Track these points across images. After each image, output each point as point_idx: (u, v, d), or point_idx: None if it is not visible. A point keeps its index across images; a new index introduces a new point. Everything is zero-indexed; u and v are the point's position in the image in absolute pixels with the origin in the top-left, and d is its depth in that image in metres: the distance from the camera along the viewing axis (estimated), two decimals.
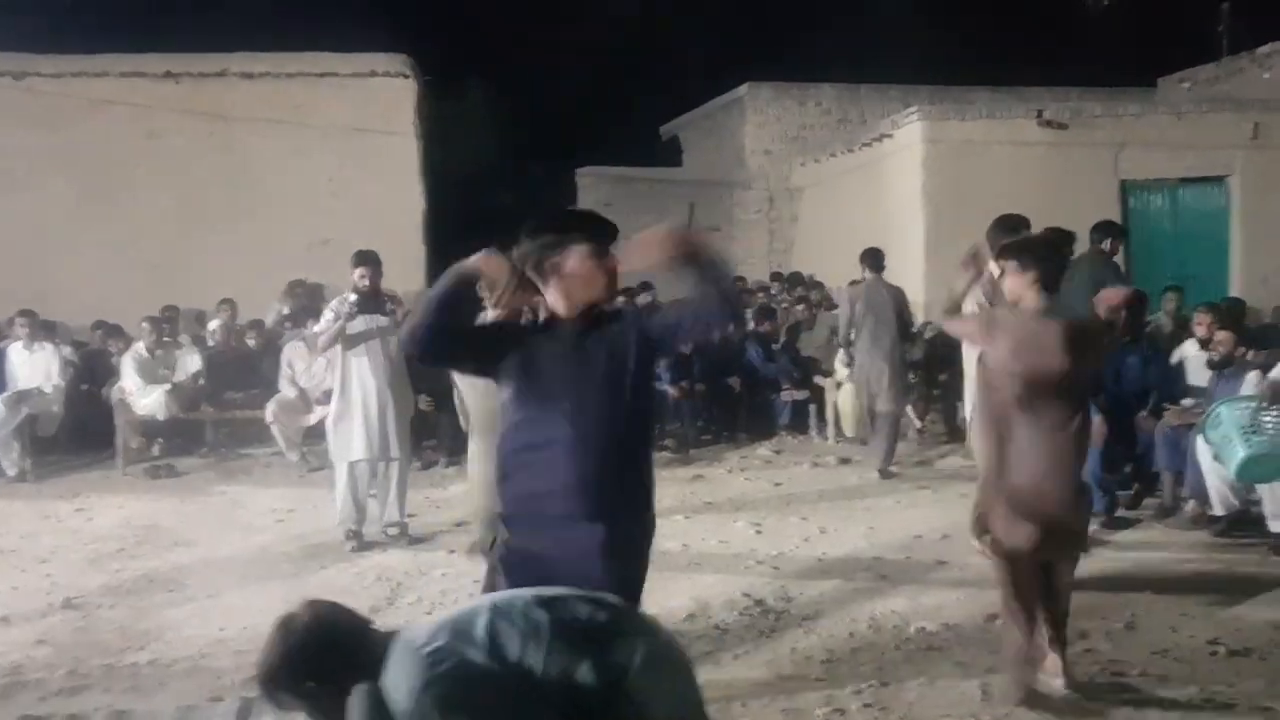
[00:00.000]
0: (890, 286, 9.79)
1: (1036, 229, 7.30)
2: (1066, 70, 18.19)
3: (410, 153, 13.69)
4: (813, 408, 11.45)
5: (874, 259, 9.80)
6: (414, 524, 7.58)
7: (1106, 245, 7.92)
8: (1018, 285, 4.47)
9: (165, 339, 10.96)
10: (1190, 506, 7.29)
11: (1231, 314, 8.76)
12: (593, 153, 18.41)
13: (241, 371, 11.15)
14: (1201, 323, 7.94)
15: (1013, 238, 6.34)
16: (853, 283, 11.50)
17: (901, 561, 6.65)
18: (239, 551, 7.31)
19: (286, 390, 10.42)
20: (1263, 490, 6.59)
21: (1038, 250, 4.61)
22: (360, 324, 7.22)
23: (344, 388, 7.29)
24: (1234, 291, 12.52)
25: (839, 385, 11.10)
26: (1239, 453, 5.96)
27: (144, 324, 10.81)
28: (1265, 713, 4.23)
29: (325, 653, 2.67)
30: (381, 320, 7.27)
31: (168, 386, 10.40)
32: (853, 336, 9.84)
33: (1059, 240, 5.54)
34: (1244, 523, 6.90)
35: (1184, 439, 7.33)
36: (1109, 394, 7.61)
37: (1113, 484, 7.49)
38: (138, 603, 6.17)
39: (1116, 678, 4.61)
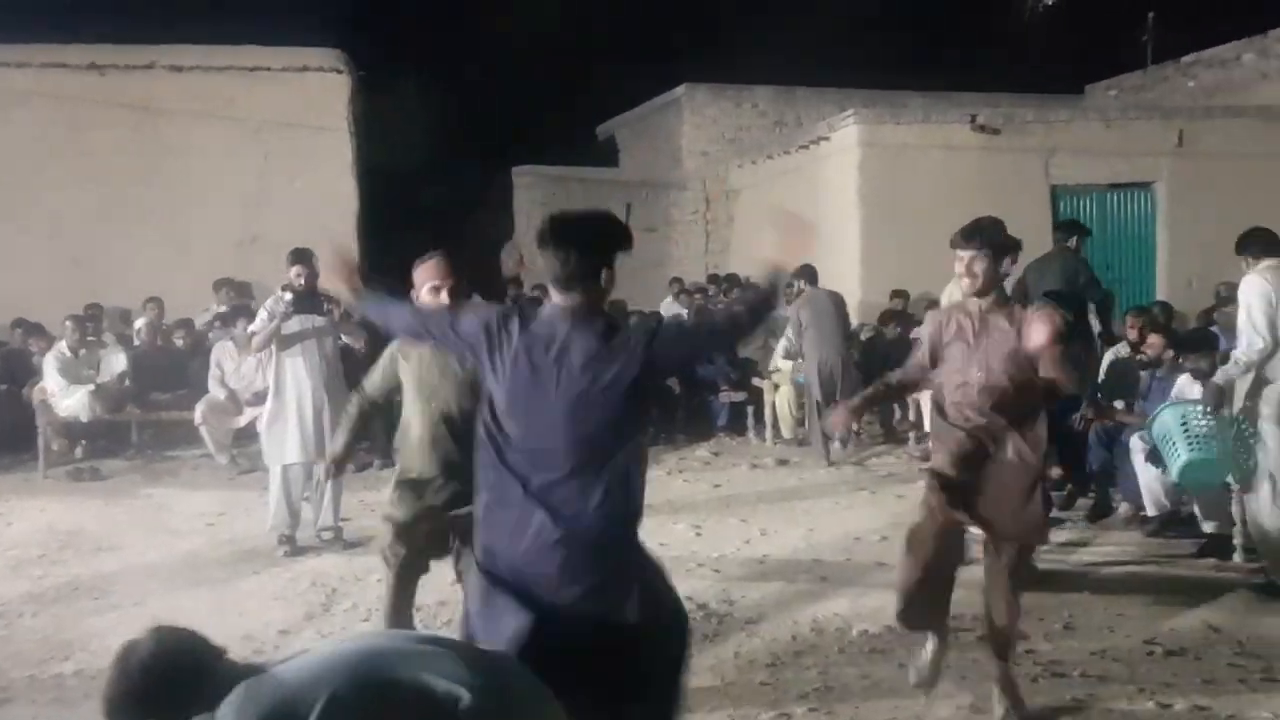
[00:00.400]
0: (830, 292, 10.26)
1: None
2: (996, 76, 18.46)
3: (343, 149, 13.47)
4: (750, 409, 11.47)
5: (810, 273, 10.26)
6: (348, 528, 7.43)
7: (1072, 243, 8.05)
8: None
9: (89, 338, 10.67)
10: (1123, 508, 7.41)
11: (1161, 317, 8.93)
12: (529, 152, 18.29)
13: (168, 372, 10.89)
14: (1133, 326, 8.07)
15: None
16: (787, 285, 11.59)
17: (842, 563, 6.67)
18: (167, 557, 7.12)
19: (216, 391, 10.19)
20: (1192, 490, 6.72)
21: None
22: (296, 324, 7.08)
23: (278, 389, 7.14)
24: (1160, 295, 12.78)
25: (776, 387, 11.15)
26: (1181, 456, 6.05)
27: (67, 322, 10.52)
28: (1203, 712, 4.29)
29: (164, 687, 2.50)
30: (318, 320, 7.13)
31: (91, 387, 10.13)
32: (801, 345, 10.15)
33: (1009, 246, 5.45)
34: (1175, 523, 7.02)
35: (1117, 440, 7.44)
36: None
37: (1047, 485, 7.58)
38: (62, 611, 5.98)
39: (1057, 679, 4.65)
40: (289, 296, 7.04)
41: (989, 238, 4.27)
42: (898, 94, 17.47)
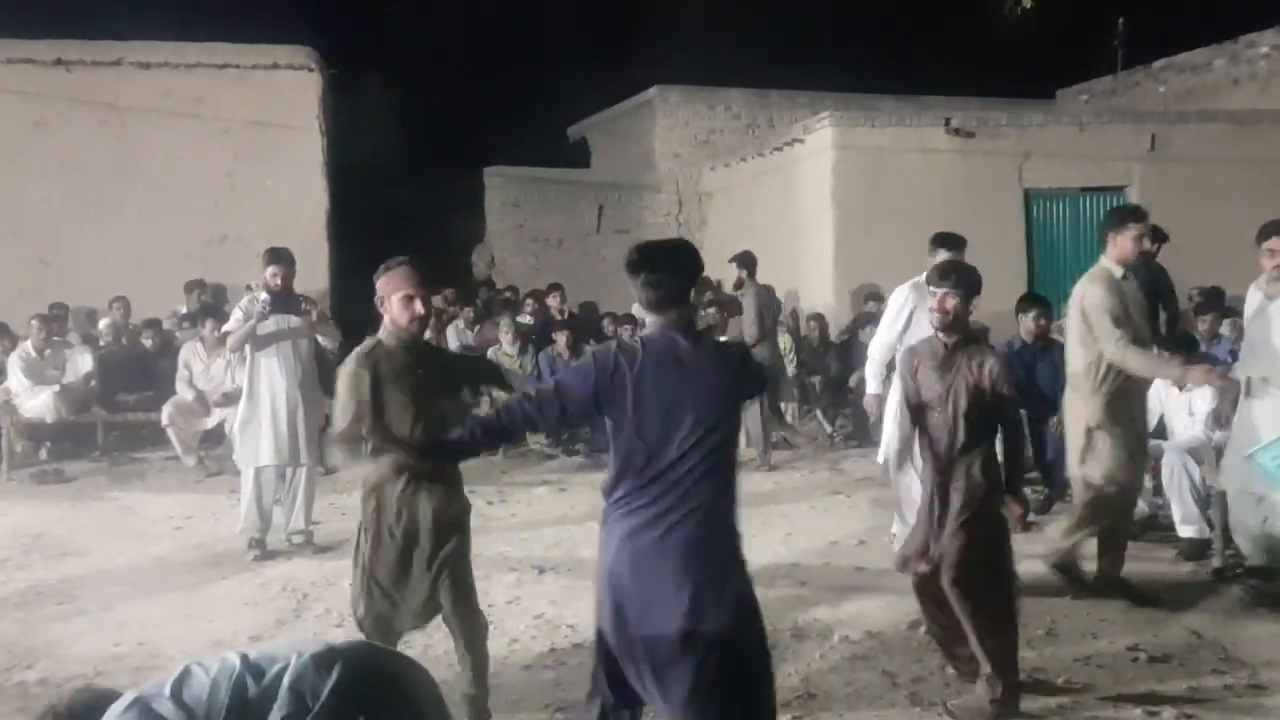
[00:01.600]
0: (769, 286, 10.43)
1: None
2: (968, 80, 18.52)
3: (313, 148, 13.32)
4: None
5: (753, 262, 10.29)
6: (319, 531, 7.32)
7: (1150, 245, 7.68)
8: None
9: (55, 338, 10.48)
10: None
11: None
12: (500, 153, 18.18)
13: (135, 372, 10.72)
14: None
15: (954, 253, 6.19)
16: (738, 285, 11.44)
17: (820, 568, 6.62)
18: (134, 561, 6.98)
19: (183, 392, 10.03)
20: (1171, 496, 6.70)
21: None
22: (272, 324, 6.96)
23: (252, 390, 7.01)
24: None
25: None
26: None
27: (33, 322, 10.35)
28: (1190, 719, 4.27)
29: None
30: (294, 321, 7.01)
31: (56, 388, 9.95)
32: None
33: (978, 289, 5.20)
34: (1152, 527, 7.02)
35: None
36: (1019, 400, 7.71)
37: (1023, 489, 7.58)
38: (25, 616, 5.84)
39: (1041, 685, 4.60)
40: (265, 296, 6.93)
41: (963, 279, 4.57)
42: (871, 97, 17.49)
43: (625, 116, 19.85)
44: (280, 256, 7.02)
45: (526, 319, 12.26)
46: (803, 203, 14.15)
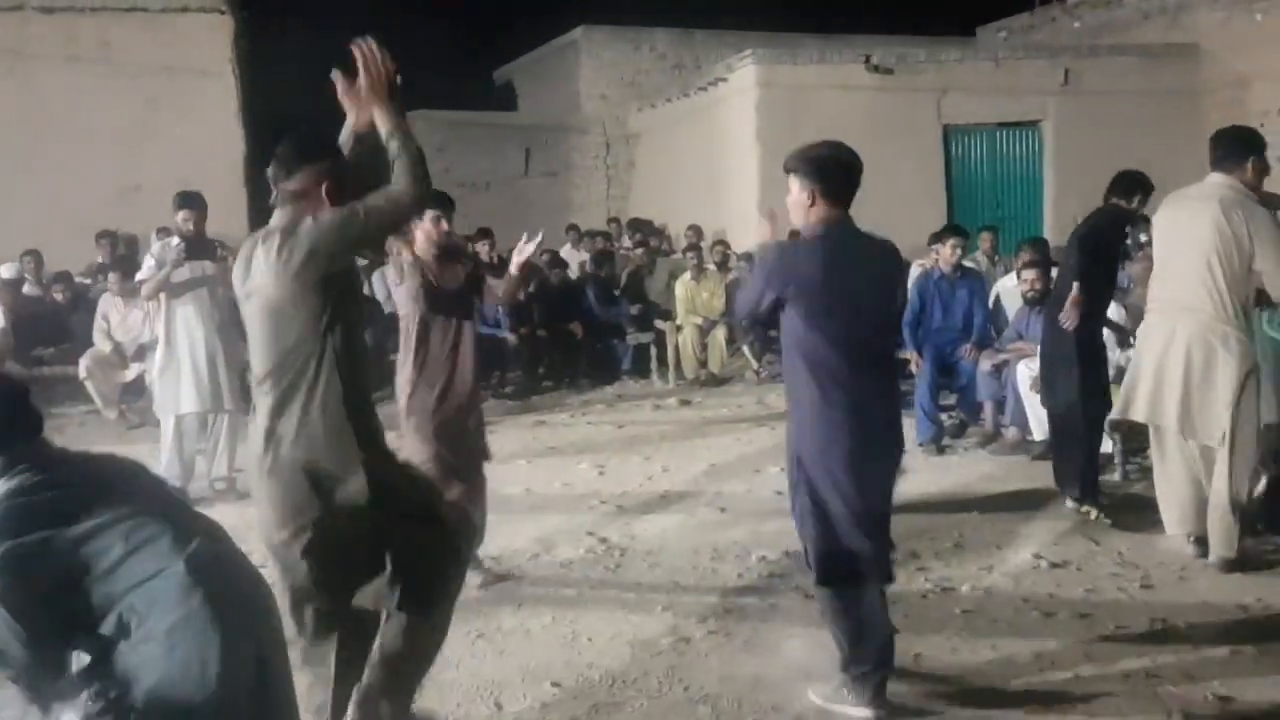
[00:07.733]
0: None
1: (865, 171, 7.35)
2: (891, 19, 18.64)
3: (228, 93, 13.07)
4: (654, 351, 11.51)
5: None
6: (242, 478, 7.27)
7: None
8: None
9: None
10: (1010, 433, 7.62)
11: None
12: (425, 96, 17.91)
13: (49, 326, 10.51)
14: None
15: None
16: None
17: (742, 495, 6.75)
18: None
19: (101, 344, 9.85)
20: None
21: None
22: (186, 271, 6.85)
23: (169, 338, 6.91)
24: (1047, 230, 13.11)
25: (679, 329, 11.20)
26: None
27: None
28: (1084, 619, 4.45)
29: None
30: (209, 266, 6.91)
31: None
32: None
33: None
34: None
35: (1005, 370, 7.64)
36: (934, 327, 7.97)
37: (938, 412, 7.84)
38: None
39: (946, 593, 4.79)
40: (178, 242, 6.83)
41: None
42: (795, 36, 17.52)
43: (551, 58, 19.70)
44: (191, 200, 6.89)
45: None
46: (728, 142, 14.20)
